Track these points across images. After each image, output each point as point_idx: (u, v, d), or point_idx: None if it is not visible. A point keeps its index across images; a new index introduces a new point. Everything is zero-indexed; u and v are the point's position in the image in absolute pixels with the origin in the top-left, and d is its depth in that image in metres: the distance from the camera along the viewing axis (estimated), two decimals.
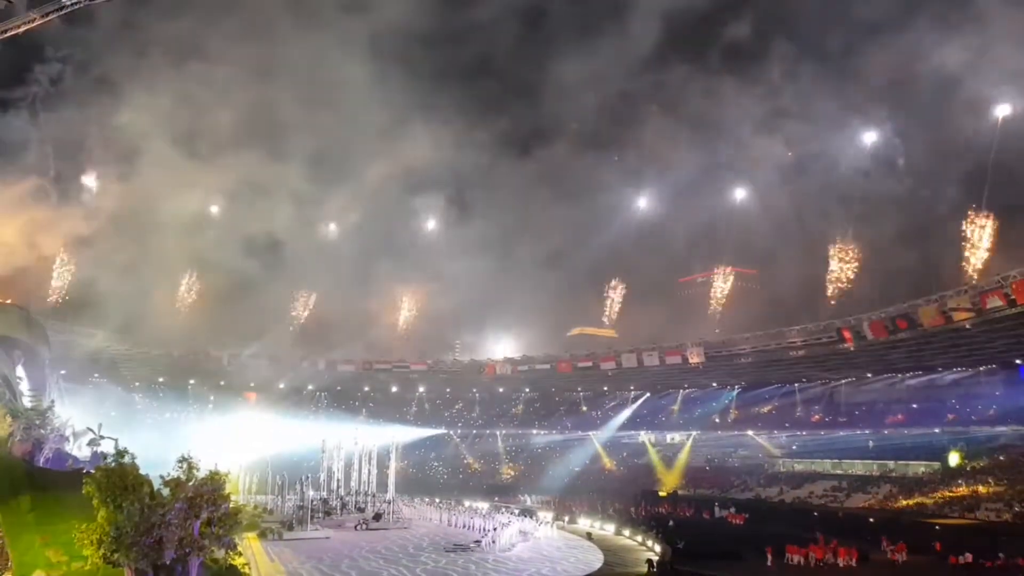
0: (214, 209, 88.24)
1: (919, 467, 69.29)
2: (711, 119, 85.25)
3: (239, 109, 79.31)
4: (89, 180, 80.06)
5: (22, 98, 73.36)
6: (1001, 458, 63.43)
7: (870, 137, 72.92)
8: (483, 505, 65.65)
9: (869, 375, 77.78)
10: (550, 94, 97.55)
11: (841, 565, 36.21)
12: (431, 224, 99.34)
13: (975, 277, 58.82)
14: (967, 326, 55.58)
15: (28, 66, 73.51)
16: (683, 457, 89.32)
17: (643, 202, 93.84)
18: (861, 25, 73.20)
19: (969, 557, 34.99)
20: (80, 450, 39.84)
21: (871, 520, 52.44)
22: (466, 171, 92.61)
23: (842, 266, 71.93)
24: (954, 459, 66.51)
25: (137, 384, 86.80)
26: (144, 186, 76.05)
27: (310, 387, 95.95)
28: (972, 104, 61.95)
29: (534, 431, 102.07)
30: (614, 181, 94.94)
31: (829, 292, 72.86)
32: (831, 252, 73.43)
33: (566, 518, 58.18)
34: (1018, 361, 64.88)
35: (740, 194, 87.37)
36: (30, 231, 66.43)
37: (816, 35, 78.07)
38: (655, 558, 36.66)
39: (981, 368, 68.85)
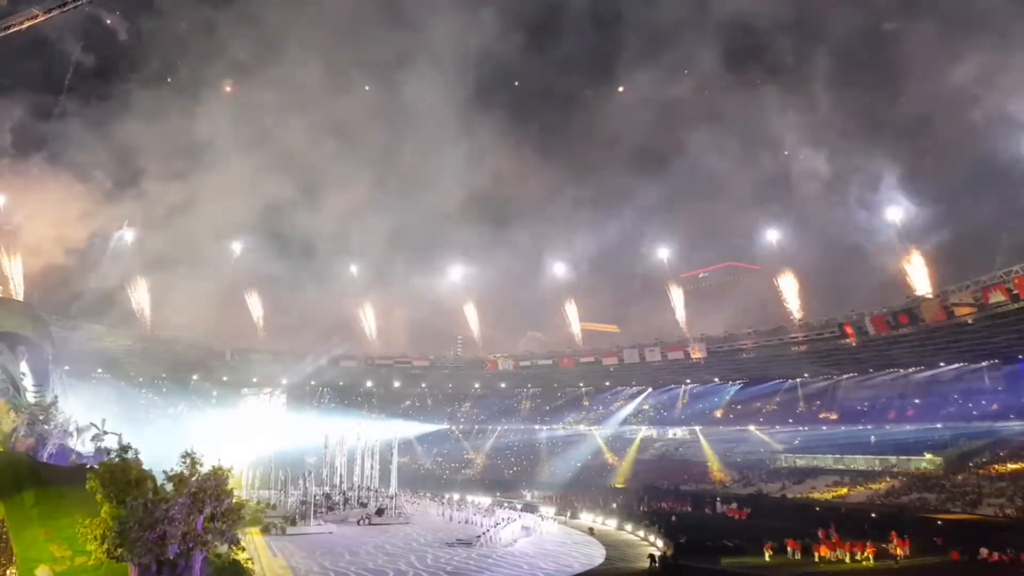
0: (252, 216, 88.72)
1: (921, 462, 69.34)
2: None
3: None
4: (133, 180, 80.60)
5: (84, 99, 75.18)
6: (1002, 453, 63.43)
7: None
8: (485, 500, 65.75)
9: (871, 370, 77.72)
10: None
11: (848, 561, 36.09)
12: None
13: None
14: (969, 321, 55.54)
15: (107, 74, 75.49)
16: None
17: (648, 199, 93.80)
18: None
19: (985, 552, 34.85)
20: (83, 445, 39.94)
21: (873, 515, 52.44)
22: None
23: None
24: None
25: (141, 380, 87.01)
26: (188, 189, 77.05)
27: (313, 383, 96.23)
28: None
29: (536, 426, 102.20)
30: (621, 176, 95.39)
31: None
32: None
33: (568, 513, 58.25)
34: (1020, 356, 64.80)
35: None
36: (62, 228, 67.38)
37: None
38: (657, 553, 36.73)
39: (983, 363, 68.79)
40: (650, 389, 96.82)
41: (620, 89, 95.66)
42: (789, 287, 73.64)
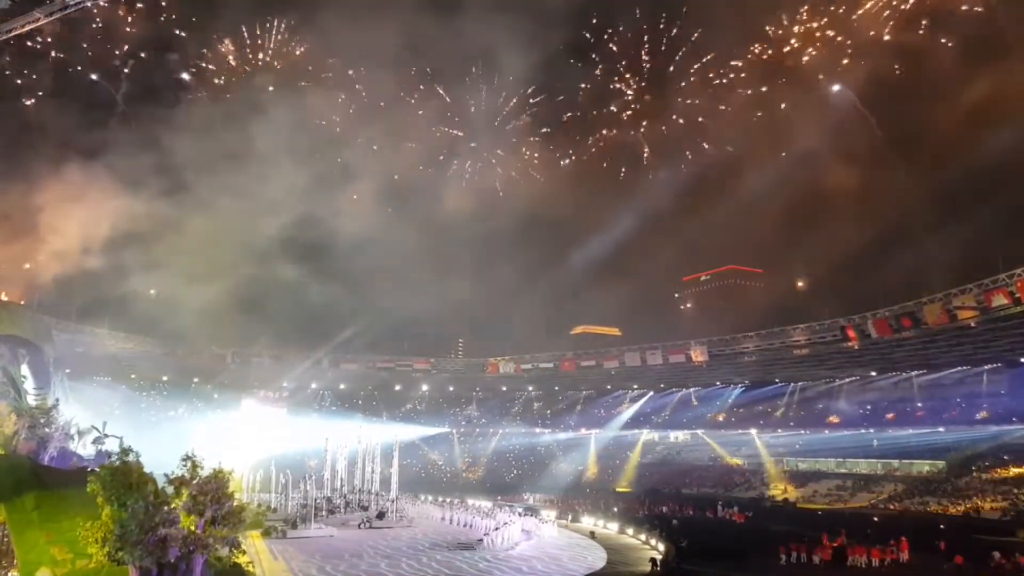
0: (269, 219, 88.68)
1: (923, 466, 69.24)
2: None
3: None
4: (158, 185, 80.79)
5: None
6: (1006, 457, 63.30)
7: None
8: (486, 504, 65.61)
9: (873, 373, 77.62)
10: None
11: (862, 565, 35.71)
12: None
13: None
14: (972, 324, 55.47)
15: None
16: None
17: (650, 200, 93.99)
18: None
19: (998, 556, 34.57)
20: (84, 448, 39.87)
21: (875, 519, 52.32)
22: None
23: None
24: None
25: (142, 383, 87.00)
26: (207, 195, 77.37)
27: (314, 385, 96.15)
28: None
29: (537, 430, 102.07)
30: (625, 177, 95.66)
31: None
32: None
33: (569, 517, 58.10)
34: (1023, 359, 64.70)
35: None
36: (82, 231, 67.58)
37: None
38: (658, 557, 36.58)
39: (986, 367, 68.69)
40: (651, 392, 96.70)
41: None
42: None
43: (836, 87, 77.39)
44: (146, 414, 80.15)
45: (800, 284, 75.40)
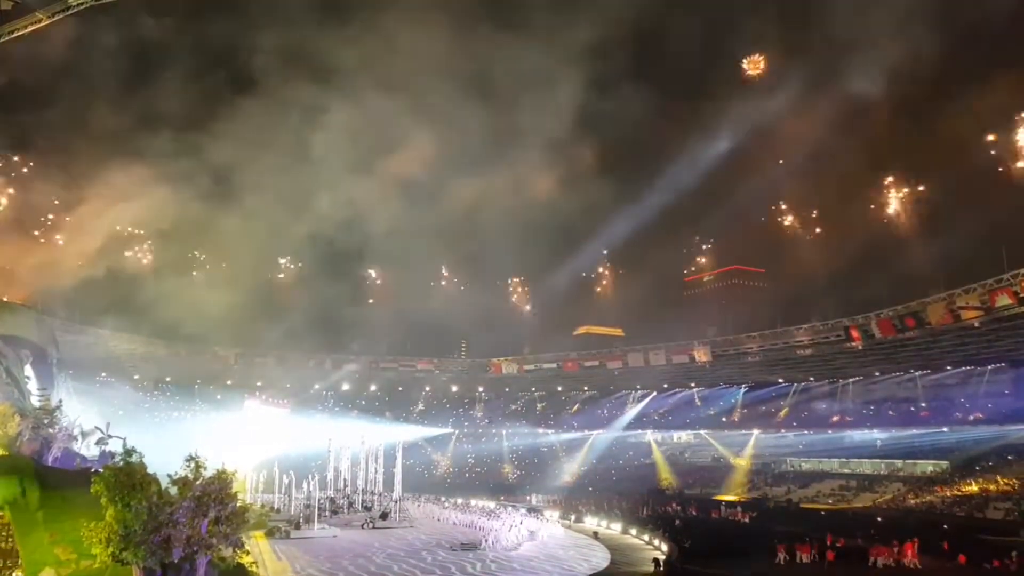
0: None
1: (927, 466, 69.05)
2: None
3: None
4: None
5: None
6: (1010, 457, 63.09)
7: None
8: (489, 504, 65.62)
9: (877, 374, 77.43)
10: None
11: (879, 566, 35.52)
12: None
13: None
14: (976, 324, 55.35)
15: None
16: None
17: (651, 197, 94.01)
18: None
19: (1015, 555, 34.35)
20: (88, 449, 40.00)
21: (879, 519, 52.16)
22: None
23: None
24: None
25: (145, 383, 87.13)
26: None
27: (317, 386, 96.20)
28: None
29: (540, 430, 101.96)
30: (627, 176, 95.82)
31: None
32: None
33: (572, 517, 58.07)
34: None
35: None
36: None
37: None
38: (662, 557, 36.54)
39: (989, 367, 68.48)
40: (655, 393, 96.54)
41: None
42: None
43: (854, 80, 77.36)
44: (150, 415, 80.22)
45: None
